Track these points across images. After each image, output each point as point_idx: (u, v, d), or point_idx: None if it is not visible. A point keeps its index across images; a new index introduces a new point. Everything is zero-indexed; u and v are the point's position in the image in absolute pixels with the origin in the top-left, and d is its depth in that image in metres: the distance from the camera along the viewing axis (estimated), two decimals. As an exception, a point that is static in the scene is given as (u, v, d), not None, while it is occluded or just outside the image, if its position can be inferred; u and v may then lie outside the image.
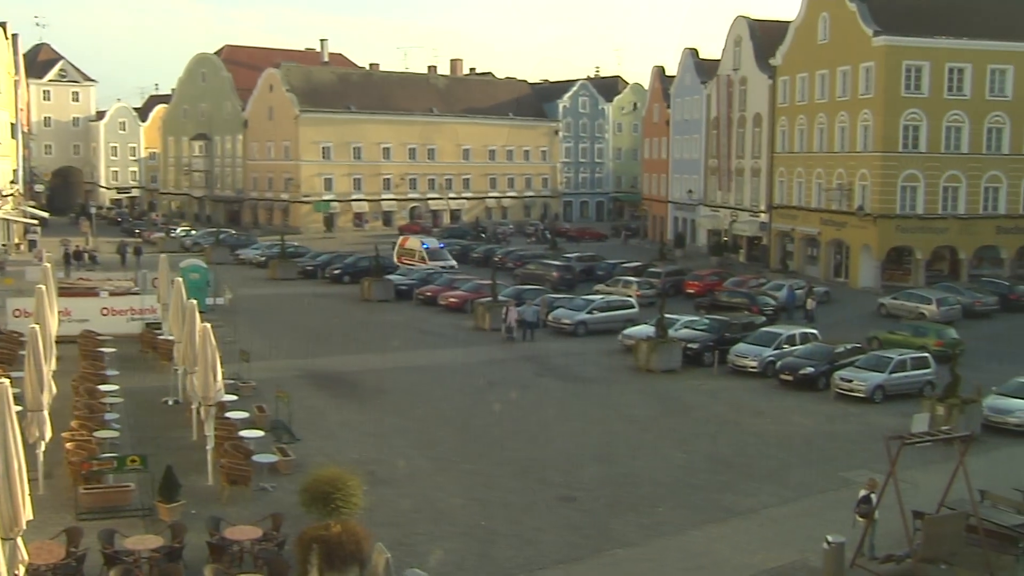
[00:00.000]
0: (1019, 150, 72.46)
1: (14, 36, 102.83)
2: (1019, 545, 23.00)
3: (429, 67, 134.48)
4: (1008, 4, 74.31)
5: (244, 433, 28.30)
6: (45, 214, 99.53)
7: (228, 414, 29.74)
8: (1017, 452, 32.86)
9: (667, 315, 46.02)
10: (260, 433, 29.12)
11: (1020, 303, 63.72)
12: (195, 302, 29.70)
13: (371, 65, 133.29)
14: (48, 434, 24.77)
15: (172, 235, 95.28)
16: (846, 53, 73.10)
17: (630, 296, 58.55)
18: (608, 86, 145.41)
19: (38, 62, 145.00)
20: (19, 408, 19.85)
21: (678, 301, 61.50)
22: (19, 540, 16.40)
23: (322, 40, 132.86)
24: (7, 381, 16.57)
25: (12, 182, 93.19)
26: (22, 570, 16.81)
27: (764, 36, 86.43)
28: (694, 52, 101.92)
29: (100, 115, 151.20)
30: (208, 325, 27.01)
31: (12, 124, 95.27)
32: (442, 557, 22.22)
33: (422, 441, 31.74)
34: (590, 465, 29.81)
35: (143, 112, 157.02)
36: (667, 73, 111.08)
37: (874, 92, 70.42)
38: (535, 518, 25.04)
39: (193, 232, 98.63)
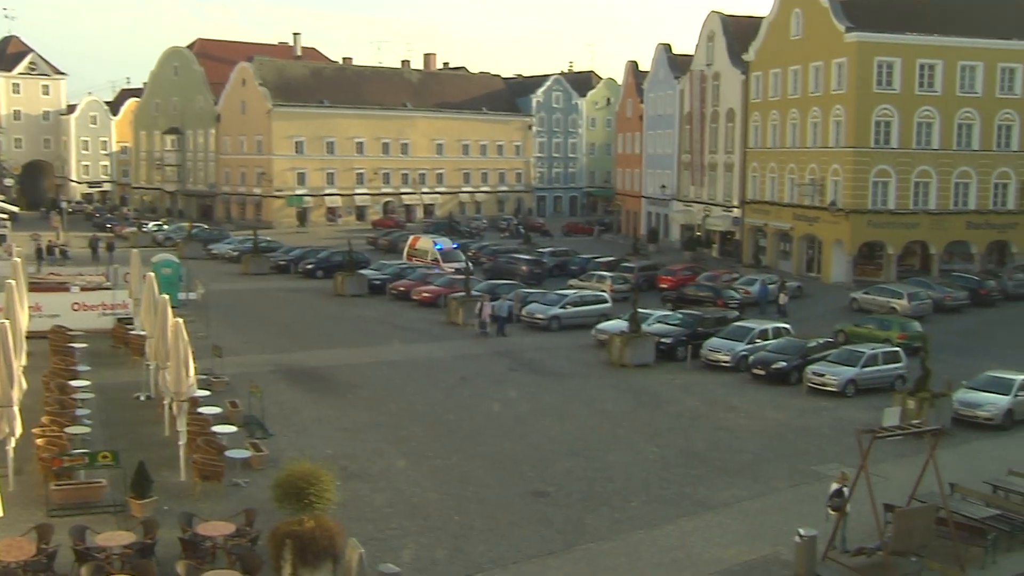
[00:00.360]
0: (989, 146, 73.04)
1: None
2: (988, 537, 23.22)
3: (403, 61, 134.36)
4: (978, 1, 74.82)
5: (217, 428, 28.19)
6: (15, 208, 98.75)
7: (200, 409, 29.60)
8: (986, 445, 33.13)
9: (640, 310, 46.16)
10: (233, 428, 29.00)
11: (989, 298, 64.23)
12: (167, 297, 29.59)
13: (344, 59, 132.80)
14: (18, 430, 24.61)
15: (144, 230, 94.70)
16: (818, 49, 73.43)
17: (604, 291, 58.64)
18: (581, 81, 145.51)
19: (7, 55, 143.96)
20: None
21: (651, 296, 61.66)
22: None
23: (295, 34, 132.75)
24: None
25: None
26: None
27: (737, 32, 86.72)
28: (667, 47, 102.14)
29: (71, 109, 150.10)
30: (180, 320, 26.89)
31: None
32: (416, 552, 22.21)
33: (395, 436, 31.71)
34: (563, 460, 29.84)
35: (114, 106, 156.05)
36: (640, 68, 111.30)
37: (846, 88, 70.79)
38: (509, 513, 25.06)
39: (165, 227, 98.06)
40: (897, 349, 42.40)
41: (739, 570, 22.06)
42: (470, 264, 63.05)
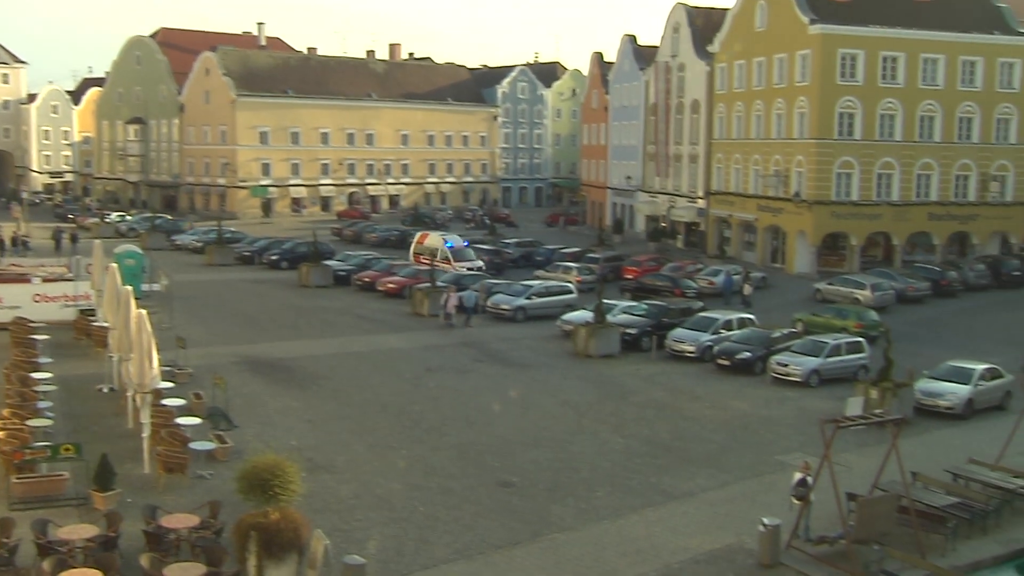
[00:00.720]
0: (951, 138, 73.69)
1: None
2: (948, 525, 23.48)
3: (368, 52, 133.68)
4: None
5: (181, 420, 28.04)
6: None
7: (164, 401, 29.44)
8: (947, 434, 33.48)
9: (605, 301, 46.27)
10: (197, 420, 28.88)
11: (951, 288, 64.86)
12: (130, 288, 29.38)
13: (309, 49, 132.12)
14: (-21, 423, 24.39)
15: (107, 220, 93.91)
16: (783, 41, 73.78)
17: (569, 282, 58.72)
18: (547, 72, 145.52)
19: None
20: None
21: (617, 287, 61.80)
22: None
23: (259, 24, 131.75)
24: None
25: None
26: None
27: (702, 23, 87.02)
28: (633, 39, 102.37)
29: (31, 98, 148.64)
30: (144, 311, 26.74)
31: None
32: (381, 543, 22.20)
33: (361, 427, 31.66)
34: (529, 450, 29.89)
35: (76, 95, 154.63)
36: (606, 59, 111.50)
37: (810, 80, 71.18)
38: (474, 503, 25.08)
39: (128, 217, 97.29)
40: (860, 339, 42.81)
41: (704, 559, 22.19)
42: (482, 263, 62.31)
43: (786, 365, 40.05)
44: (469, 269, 62.59)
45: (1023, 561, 23.60)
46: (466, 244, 70.06)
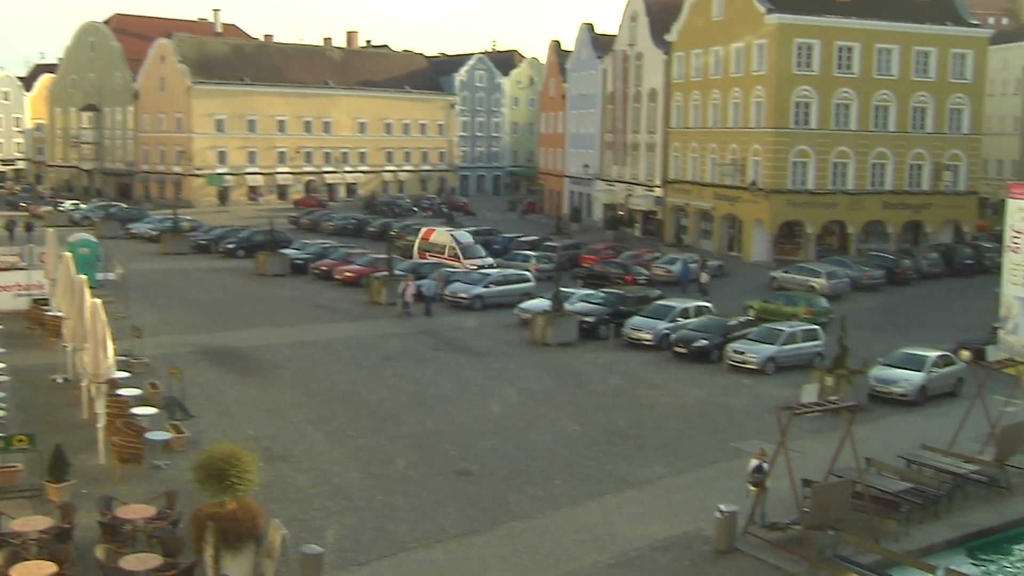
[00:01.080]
0: (905, 128, 74.40)
1: None
2: (902, 510, 23.78)
3: (325, 39, 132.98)
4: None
5: (136, 410, 27.82)
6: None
7: (120, 391, 29.18)
8: (901, 421, 33.88)
9: (563, 289, 46.35)
10: (153, 410, 28.66)
11: (905, 277, 65.54)
12: (85, 277, 29.13)
13: (265, 36, 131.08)
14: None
15: (60, 209, 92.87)
16: (739, 30, 74.10)
17: (527, 270, 58.75)
18: (505, 60, 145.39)
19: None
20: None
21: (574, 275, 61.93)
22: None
23: (215, 10, 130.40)
24: None
25: None
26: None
27: (660, 12, 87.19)
28: (591, 27, 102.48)
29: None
30: (98, 301, 26.51)
31: None
32: (339, 532, 22.17)
33: (318, 416, 31.56)
34: (487, 438, 29.93)
35: (28, 81, 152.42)
36: (564, 48, 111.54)
37: (766, 69, 71.56)
38: (432, 492, 25.09)
39: (83, 206, 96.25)
40: (816, 327, 43.21)
41: (661, 546, 22.33)
42: (492, 260, 60.56)
43: (742, 353, 40.32)
44: (480, 267, 59.26)
45: (974, 545, 23.97)
46: (476, 241, 66.23)
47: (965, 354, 39.65)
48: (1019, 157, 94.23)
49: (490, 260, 62.31)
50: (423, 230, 68.92)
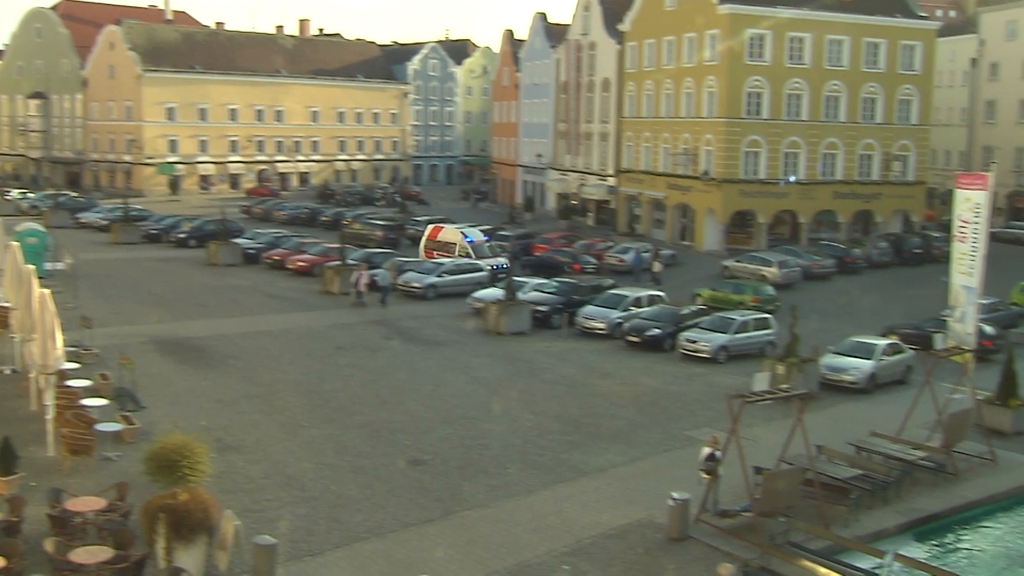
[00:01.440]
0: (855, 118, 75.13)
1: None
2: (851, 496, 24.06)
3: (276, 27, 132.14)
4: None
5: (86, 401, 27.53)
6: None
7: (69, 382, 28.86)
8: (851, 408, 34.28)
9: (516, 278, 46.39)
10: (103, 401, 28.38)
11: (855, 266, 66.26)
12: (32, 267, 28.81)
13: (217, 24, 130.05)
14: None
15: (7, 198, 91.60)
16: (692, 20, 74.42)
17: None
18: (458, 49, 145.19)
19: None
20: None
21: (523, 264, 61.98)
22: None
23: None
24: None
25: None
26: None
27: (613, 2, 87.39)
28: (544, 16, 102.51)
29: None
30: (47, 291, 26.21)
31: None
32: (292, 523, 22.09)
33: (271, 407, 31.40)
34: (440, 428, 29.92)
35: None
36: (517, 37, 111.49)
37: (719, 59, 71.92)
38: (386, 482, 25.05)
39: (31, 195, 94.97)
40: (767, 316, 43.61)
41: (614, 534, 22.44)
42: (505, 261, 57.39)
43: (695, 342, 40.58)
44: (492, 267, 56.14)
45: (923, 530, 24.29)
46: (487, 239, 61.60)
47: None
48: (966, 148, 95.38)
49: (503, 260, 58.20)
50: (429, 228, 64.10)
